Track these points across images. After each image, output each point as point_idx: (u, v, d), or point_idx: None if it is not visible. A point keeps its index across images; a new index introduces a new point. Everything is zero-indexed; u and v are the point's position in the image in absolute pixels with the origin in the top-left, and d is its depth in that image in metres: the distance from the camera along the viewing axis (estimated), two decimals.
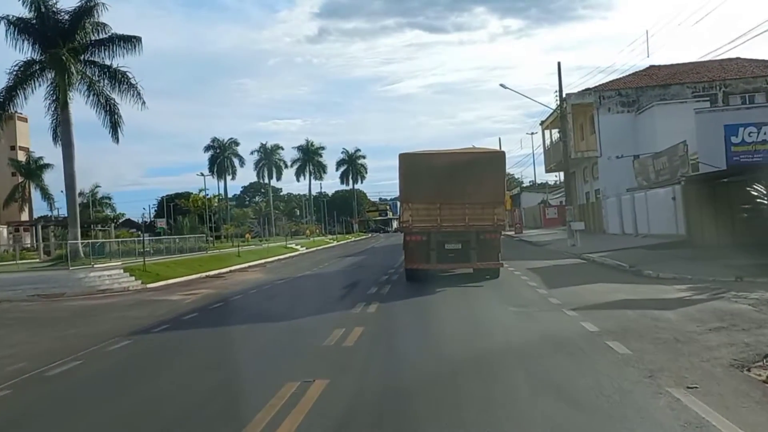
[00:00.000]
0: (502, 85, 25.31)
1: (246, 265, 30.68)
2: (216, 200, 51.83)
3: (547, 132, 41.70)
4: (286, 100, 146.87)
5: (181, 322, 11.92)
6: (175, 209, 65.79)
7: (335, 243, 60.31)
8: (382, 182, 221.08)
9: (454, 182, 15.11)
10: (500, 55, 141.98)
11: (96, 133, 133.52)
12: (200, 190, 52.25)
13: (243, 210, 57.70)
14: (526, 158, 73.06)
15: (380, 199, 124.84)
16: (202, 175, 50.89)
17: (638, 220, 27.51)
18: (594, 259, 20.18)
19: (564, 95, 30.39)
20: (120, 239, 32.21)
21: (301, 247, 47.57)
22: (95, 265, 24.52)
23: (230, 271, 27.41)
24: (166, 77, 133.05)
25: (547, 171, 42.24)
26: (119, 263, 25.47)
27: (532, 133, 67.39)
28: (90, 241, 28.88)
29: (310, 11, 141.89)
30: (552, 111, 38.59)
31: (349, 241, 65.33)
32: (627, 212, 28.86)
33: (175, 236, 37.39)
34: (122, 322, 12.15)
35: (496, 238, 15.56)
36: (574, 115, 33.85)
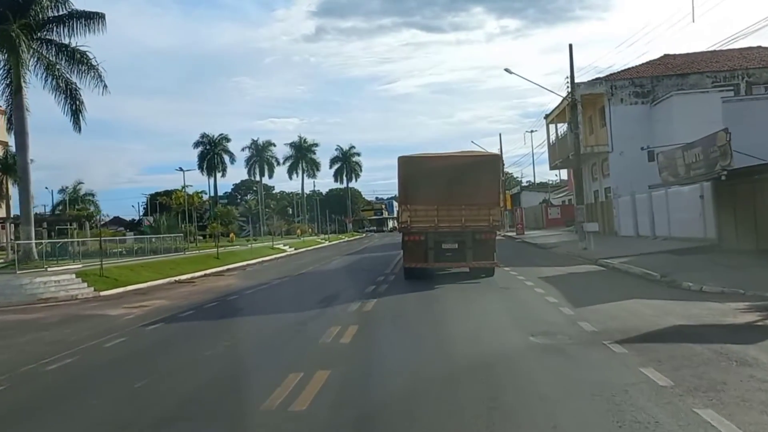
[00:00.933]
0: (507, 69, 22.65)
1: (224, 268, 27.94)
2: (197, 197, 48.86)
3: (552, 127, 38.99)
4: (283, 98, 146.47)
5: (90, 353, 9.12)
6: (161, 207, 63.25)
7: (327, 243, 57.59)
8: (378, 182, 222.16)
9: (451, 184, 15.54)
10: (497, 55, 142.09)
11: (91, 130, 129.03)
12: (183, 187, 49.21)
13: (226, 207, 54.80)
14: (524, 158, 70.62)
15: (377, 198, 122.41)
16: (181, 170, 47.88)
17: (656, 221, 24.86)
18: (614, 265, 17.50)
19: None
20: (80, 239, 29.31)
21: (289, 247, 44.82)
22: (49, 269, 21.80)
23: (204, 276, 24.67)
24: (163, 75, 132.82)
25: (551, 168, 39.67)
26: (79, 266, 22.75)
27: (532, 131, 64.81)
28: (45, 241, 26.01)
29: (308, 10, 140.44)
30: (558, 103, 35.97)
31: (341, 241, 62.60)
32: (643, 212, 26.21)
33: (152, 235, 34.67)
34: (12, 353, 9.43)
35: (492, 239, 15.97)
36: (582, 107, 31.14)
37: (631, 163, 29.45)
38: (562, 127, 37.71)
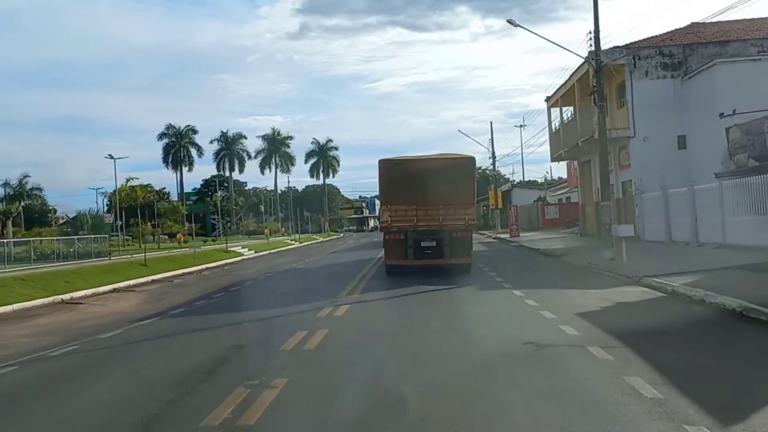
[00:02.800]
0: (510, 21, 16.70)
1: (145, 279, 21.81)
2: (142, 191, 42.10)
3: (554, 111, 33.26)
4: (266, 96, 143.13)
5: None
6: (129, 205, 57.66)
7: (297, 244, 51.53)
8: (362, 180, 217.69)
9: (429, 185, 15.95)
10: (482, 54, 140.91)
11: (72, 128, 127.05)
12: (128, 180, 42.50)
13: (173, 204, 48.34)
14: (507, 157, 64.68)
15: (360, 197, 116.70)
16: (111, 157, 40.14)
17: (701, 223, 19.22)
18: (676, 289, 11.66)
19: (587, 53, 21.95)
20: None
21: (248, 250, 38.71)
22: None
23: (108, 293, 18.57)
24: (145, 72, 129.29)
25: (553, 159, 33.79)
26: None
27: (522, 126, 59.22)
28: None
29: (292, 7, 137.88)
30: (565, 81, 30.28)
31: (313, 242, 56.55)
32: (680, 212, 20.55)
33: (74, 236, 28.47)
34: None
35: (468, 236, 16.55)
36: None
37: (658, 151, 23.96)
38: (566, 112, 32.02)
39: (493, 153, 47.03)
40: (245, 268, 26.00)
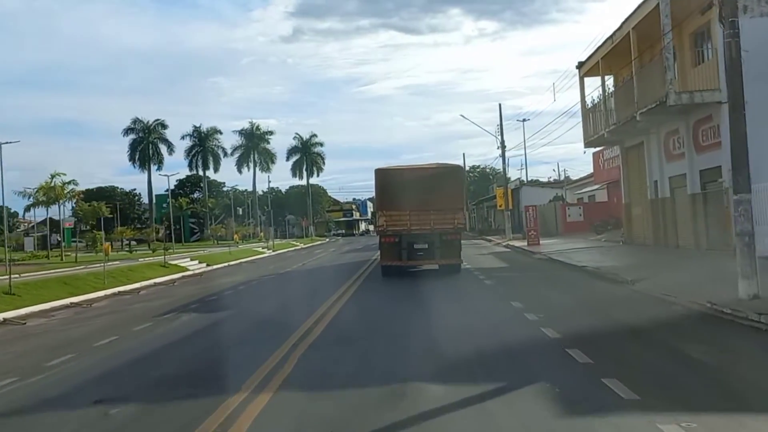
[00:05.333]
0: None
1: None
2: (61, 190, 33.90)
3: (588, 83, 25.41)
4: (260, 99, 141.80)
5: None
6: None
7: (268, 253, 43.60)
8: (355, 183, 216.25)
9: (421, 192, 17.37)
10: (475, 57, 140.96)
11: (67, 131, 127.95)
12: (52, 176, 34.21)
13: (92, 206, 40.17)
14: (495, 160, 57.50)
15: (354, 200, 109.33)
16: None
17: None
18: None
19: None
20: None
21: (198, 263, 30.71)
22: None
23: None
24: (139, 75, 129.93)
25: (588, 145, 25.75)
26: None
27: (524, 120, 51.15)
28: None
29: (285, 10, 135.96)
30: (603, 42, 22.47)
31: (288, 250, 48.55)
32: None
33: None
34: None
35: (457, 239, 17.87)
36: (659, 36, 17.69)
37: (761, 125, 16.01)
38: (605, 85, 24.12)
39: (503, 141, 39.26)
40: (158, 298, 18.00)
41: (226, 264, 32.34)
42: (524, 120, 50.88)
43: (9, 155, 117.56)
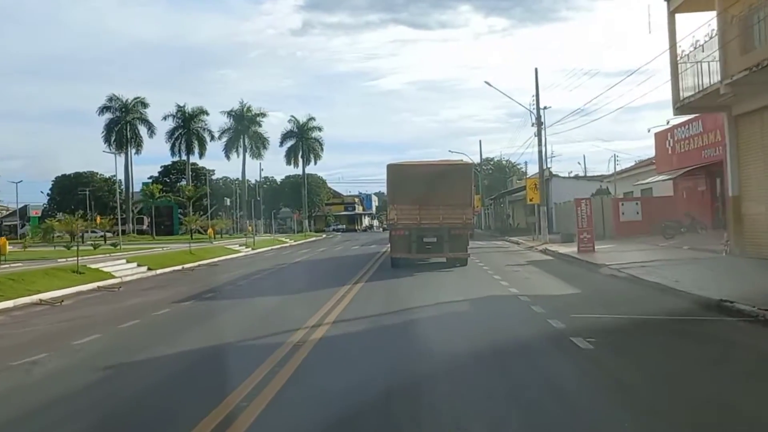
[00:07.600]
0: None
1: None
2: None
3: (680, 23, 17.68)
4: (268, 92, 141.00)
5: None
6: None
7: (245, 251, 36.31)
8: (362, 177, 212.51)
9: (431, 188, 18.38)
10: (484, 53, 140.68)
11: (74, 119, 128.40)
12: None
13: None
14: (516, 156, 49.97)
15: (359, 193, 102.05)
16: None
17: None
18: None
19: None
20: None
21: (137, 266, 23.27)
22: None
23: None
24: (147, 67, 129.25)
25: (677, 110, 17.84)
26: None
27: (545, 108, 43.54)
28: None
29: (294, 4, 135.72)
30: None
31: (272, 248, 41.14)
32: None
33: None
34: None
35: (465, 234, 18.94)
36: None
37: None
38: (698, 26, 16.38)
39: (538, 110, 31.89)
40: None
41: (174, 268, 24.85)
42: (545, 108, 44.12)
43: (12, 145, 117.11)
